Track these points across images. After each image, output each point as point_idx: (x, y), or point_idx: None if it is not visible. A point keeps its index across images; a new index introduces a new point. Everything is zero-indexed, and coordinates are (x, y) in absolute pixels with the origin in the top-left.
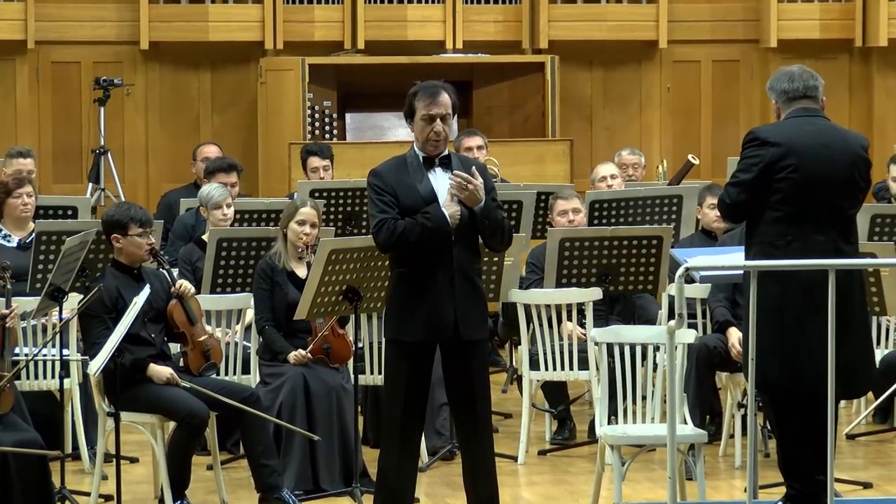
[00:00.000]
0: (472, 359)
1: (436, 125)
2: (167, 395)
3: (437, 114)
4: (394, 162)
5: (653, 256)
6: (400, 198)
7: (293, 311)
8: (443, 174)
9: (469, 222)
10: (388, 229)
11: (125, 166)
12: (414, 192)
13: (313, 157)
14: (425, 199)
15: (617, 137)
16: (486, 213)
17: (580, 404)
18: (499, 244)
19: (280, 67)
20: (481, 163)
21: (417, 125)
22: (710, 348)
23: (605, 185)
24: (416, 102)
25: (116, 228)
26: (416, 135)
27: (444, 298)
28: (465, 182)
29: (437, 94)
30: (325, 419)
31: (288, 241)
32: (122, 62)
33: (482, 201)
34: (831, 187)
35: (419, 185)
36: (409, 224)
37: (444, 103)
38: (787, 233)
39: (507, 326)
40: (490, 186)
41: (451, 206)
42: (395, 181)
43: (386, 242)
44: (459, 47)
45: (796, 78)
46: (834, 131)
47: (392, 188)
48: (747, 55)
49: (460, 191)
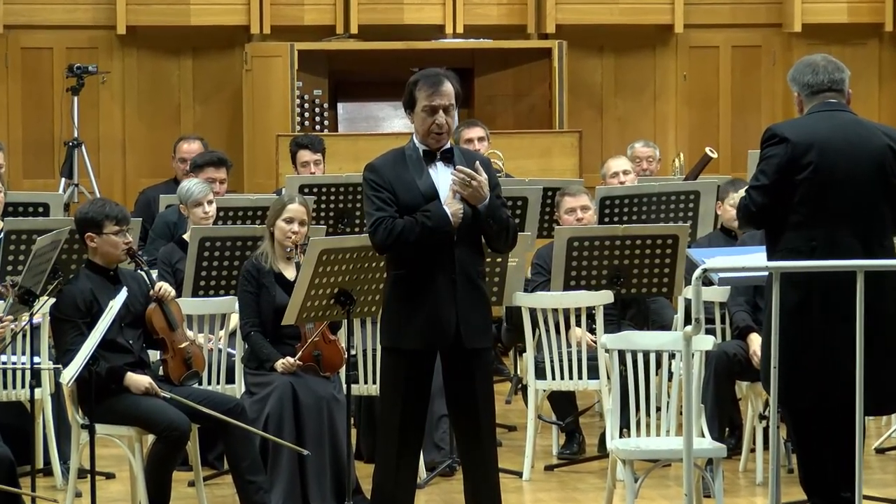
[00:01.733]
0: (476, 368)
1: (438, 117)
2: (146, 406)
3: (439, 105)
4: (391, 156)
5: (668, 257)
6: (398, 194)
7: (281, 316)
8: (444, 169)
9: (472, 222)
10: (385, 229)
11: (100, 160)
12: (413, 189)
13: (303, 151)
14: (425, 195)
15: (629, 129)
16: (491, 211)
17: (590, 416)
18: (503, 245)
19: (267, 53)
20: (486, 157)
21: (418, 116)
22: (730, 356)
23: (616, 182)
24: (416, 92)
25: (91, 227)
26: (417, 127)
27: (446, 303)
28: (469, 178)
29: (440, 84)
30: (315, 432)
31: (275, 240)
32: (98, 48)
33: (486, 199)
34: (857, 186)
35: (419, 181)
36: (408, 223)
37: (447, 93)
38: (812, 237)
39: (511, 332)
40: (494, 182)
41: (454, 203)
42: (392, 176)
43: (383, 243)
44: (460, 32)
45: (820, 70)
46: (859, 125)
47: (390, 184)
48: (769, 40)
49: (463, 187)
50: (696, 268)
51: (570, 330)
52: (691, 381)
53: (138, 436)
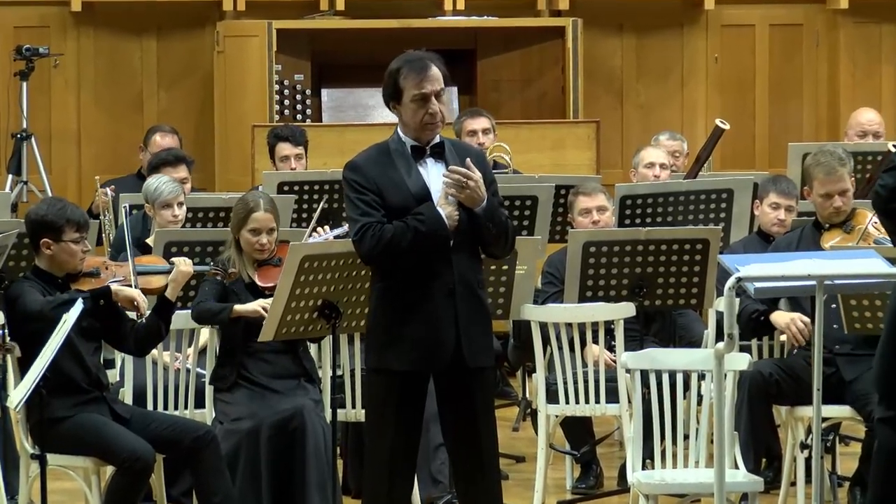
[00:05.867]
0: (476, 389)
1: (431, 105)
2: (105, 433)
3: (431, 91)
4: (374, 151)
5: (697, 264)
6: (385, 196)
7: (254, 331)
8: (435, 165)
9: (470, 225)
10: (373, 236)
11: (52, 154)
12: (402, 189)
13: (283, 144)
14: (416, 196)
15: (653, 118)
16: (490, 214)
17: (608, 445)
18: (502, 250)
19: (241, 33)
20: (480, 150)
21: (407, 108)
22: (766, 376)
23: (651, 175)
24: (401, 81)
25: (48, 231)
26: (406, 119)
27: (444, 317)
28: (464, 178)
29: (427, 68)
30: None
31: (243, 251)
32: (49, 27)
33: (484, 200)
34: None
35: (408, 180)
36: (398, 228)
37: (436, 77)
38: None
39: (518, 350)
40: (490, 179)
41: (448, 205)
42: (378, 175)
43: (371, 252)
44: (461, 8)
45: None
46: None
47: (375, 184)
48: (812, 18)
49: (459, 190)
50: (730, 276)
51: (586, 347)
52: (723, 406)
53: (95, 467)
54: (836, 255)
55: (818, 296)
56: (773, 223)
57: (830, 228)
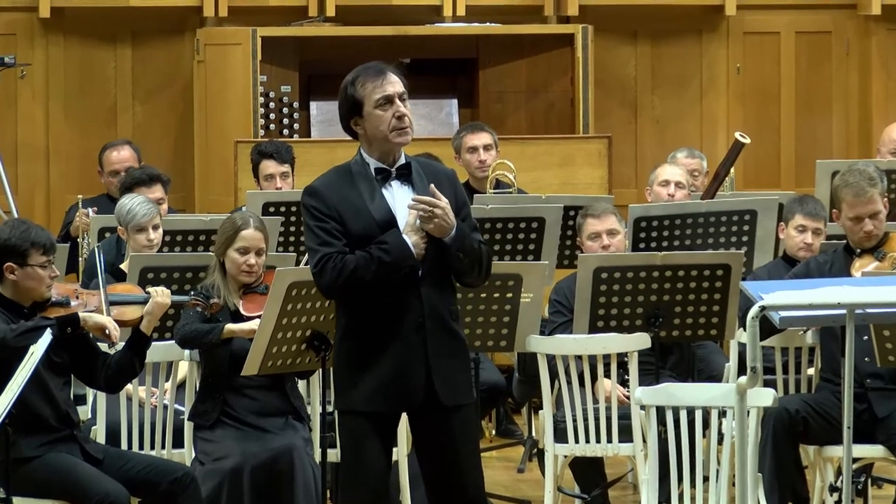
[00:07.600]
0: (456, 427)
1: (398, 107)
2: (76, 475)
3: (394, 92)
4: (334, 174)
5: (717, 292)
6: (347, 223)
7: (238, 363)
8: (401, 188)
9: (440, 253)
10: (334, 268)
11: (18, 171)
12: (364, 215)
13: (267, 161)
14: (380, 223)
15: (670, 133)
16: (460, 243)
17: (621, 487)
18: (476, 280)
19: (223, 41)
20: (450, 170)
21: (371, 117)
22: (793, 413)
23: (665, 194)
24: (359, 90)
25: (12, 256)
26: (372, 131)
27: (413, 354)
28: (430, 206)
29: (384, 72)
30: None
31: (228, 274)
32: (16, 34)
33: (453, 228)
34: None
35: (371, 205)
36: (361, 259)
37: (397, 80)
38: None
39: (524, 385)
40: (462, 201)
41: (413, 233)
42: (338, 201)
43: (333, 286)
44: (461, 14)
45: None
46: None
47: (336, 211)
48: (841, 25)
49: (426, 220)
50: (753, 305)
51: (597, 382)
52: (746, 445)
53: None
54: (868, 283)
55: (849, 326)
56: (800, 247)
57: (862, 254)
